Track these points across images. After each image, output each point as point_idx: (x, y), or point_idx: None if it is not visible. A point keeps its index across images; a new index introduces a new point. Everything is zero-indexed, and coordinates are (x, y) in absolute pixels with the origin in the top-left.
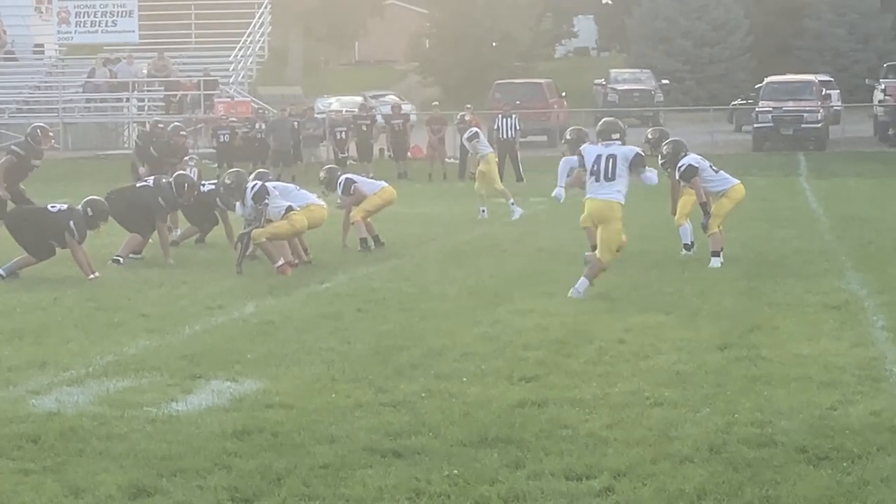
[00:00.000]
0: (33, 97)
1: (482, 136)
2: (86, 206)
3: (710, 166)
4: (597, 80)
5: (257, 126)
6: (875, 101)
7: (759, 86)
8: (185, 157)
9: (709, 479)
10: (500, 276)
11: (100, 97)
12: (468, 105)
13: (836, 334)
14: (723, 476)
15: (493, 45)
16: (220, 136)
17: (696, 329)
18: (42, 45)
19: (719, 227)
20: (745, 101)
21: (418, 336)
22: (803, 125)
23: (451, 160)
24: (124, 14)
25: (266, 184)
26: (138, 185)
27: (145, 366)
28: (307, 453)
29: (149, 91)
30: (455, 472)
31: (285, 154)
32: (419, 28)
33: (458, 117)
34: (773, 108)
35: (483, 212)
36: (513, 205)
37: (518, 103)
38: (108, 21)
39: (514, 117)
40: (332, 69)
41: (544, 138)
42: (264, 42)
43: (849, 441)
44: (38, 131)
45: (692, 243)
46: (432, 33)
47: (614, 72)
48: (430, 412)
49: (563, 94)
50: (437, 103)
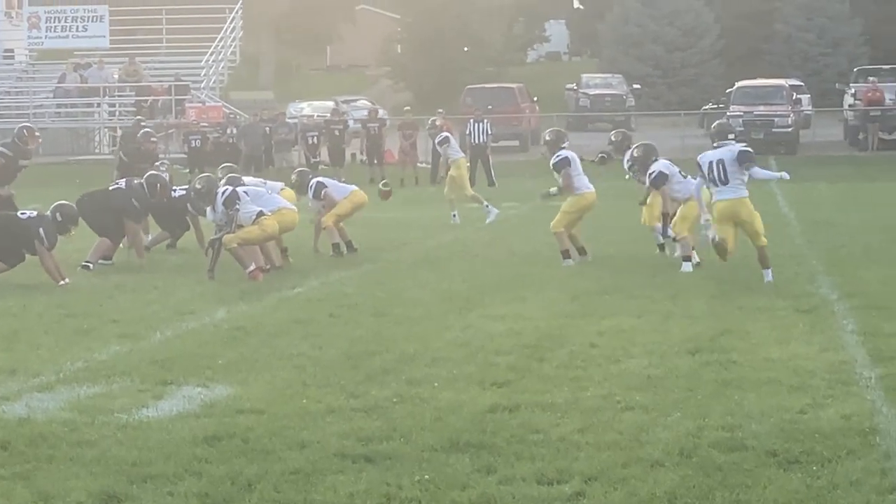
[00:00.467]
0: (3, 102)
1: (453, 140)
2: (55, 212)
3: (679, 172)
4: (568, 85)
5: (229, 131)
6: (845, 106)
7: (729, 90)
8: (157, 163)
9: (680, 484)
10: (472, 281)
11: (70, 102)
12: (440, 110)
13: (806, 338)
14: (693, 480)
15: (465, 49)
16: (192, 141)
17: (668, 333)
18: (12, 51)
19: (689, 231)
20: (715, 106)
21: (390, 341)
22: (774, 129)
23: (423, 165)
24: (95, 19)
25: (237, 189)
26: (111, 188)
27: (116, 372)
28: (278, 459)
29: (120, 96)
30: (426, 477)
31: (257, 159)
32: (391, 33)
33: (429, 122)
34: (744, 112)
35: (455, 217)
36: (487, 207)
37: (490, 108)
38: (78, 26)
39: (485, 122)
40: (303, 74)
41: (516, 143)
42: (236, 47)
43: (819, 445)
44: (25, 131)
45: (662, 245)
46: (404, 38)
47: (586, 76)
48: (402, 417)
49: (535, 98)
50: (408, 108)
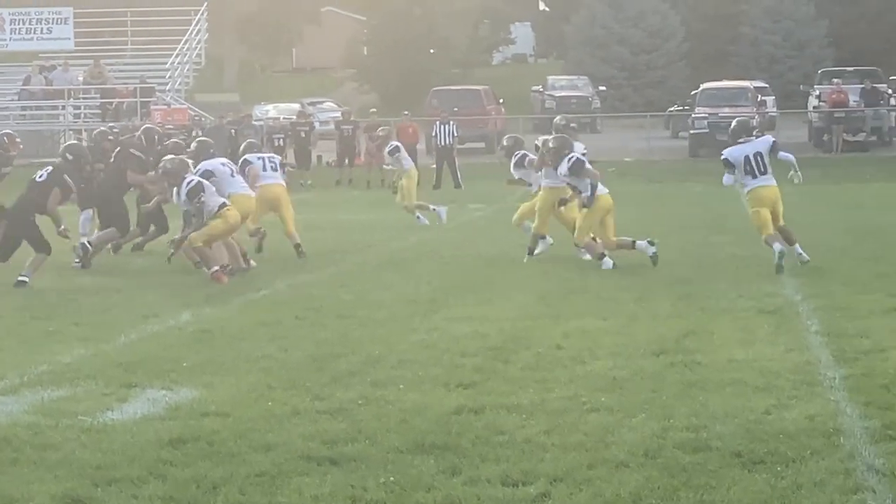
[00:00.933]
0: None
1: (403, 150)
2: (65, 153)
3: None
4: (534, 87)
5: (194, 133)
6: (810, 108)
7: (694, 92)
8: None
9: (644, 485)
10: (438, 283)
11: (35, 105)
12: (405, 112)
13: (770, 339)
14: (658, 481)
15: (431, 52)
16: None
17: (633, 335)
18: None
19: (592, 236)
20: (681, 108)
21: (356, 343)
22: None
23: (389, 167)
24: (59, 21)
25: (202, 181)
26: (36, 180)
27: (80, 374)
28: (243, 461)
29: (85, 98)
30: (391, 479)
31: None
32: (356, 35)
33: (378, 131)
34: (709, 114)
35: (419, 218)
36: (435, 209)
37: (456, 110)
38: (43, 28)
39: (451, 124)
40: (269, 76)
41: (482, 145)
42: (201, 49)
43: (783, 445)
44: (6, 138)
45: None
46: (370, 40)
47: (552, 78)
48: (367, 419)
49: (501, 100)
50: (374, 110)
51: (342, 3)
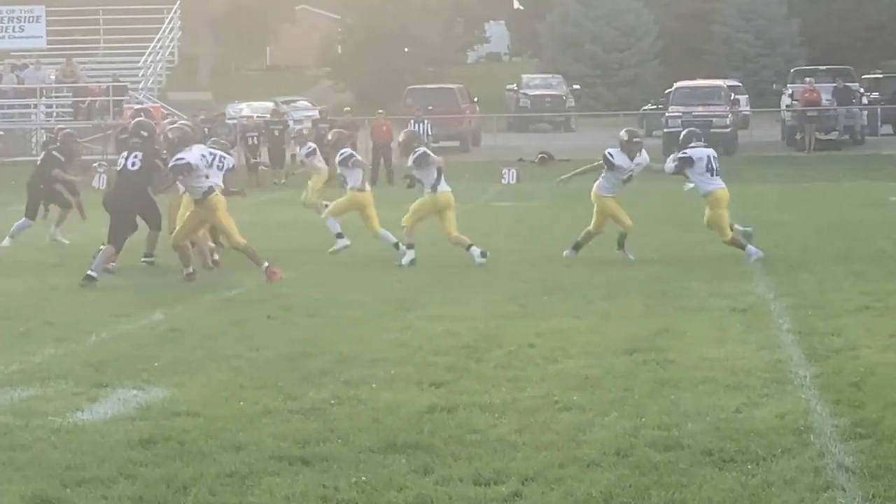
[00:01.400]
0: None
1: (319, 153)
2: (138, 131)
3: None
4: (509, 86)
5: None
6: (783, 106)
7: (668, 91)
8: (94, 164)
9: (616, 483)
10: (410, 282)
11: (7, 103)
12: (380, 110)
13: (742, 337)
14: (630, 479)
15: (405, 50)
16: None
17: (605, 333)
18: None
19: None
20: (654, 106)
21: (328, 342)
22: (712, 129)
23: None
24: (31, 19)
25: (191, 161)
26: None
27: (50, 374)
28: (214, 461)
29: (57, 97)
30: (363, 478)
31: None
32: (331, 33)
33: (295, 130)
34: (683, 112)
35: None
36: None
37: (430, 108)
38: (14, 27)
39: (426, 122)
40: (242, 75)
41: (457, 144)
42: (174, 47)
43: (754, 443)
44: None
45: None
46: (344, 38)
47: (526, 77)
48: (339, 419)
49: (476, 99)
50: (348, 109)
51: (316, 2)
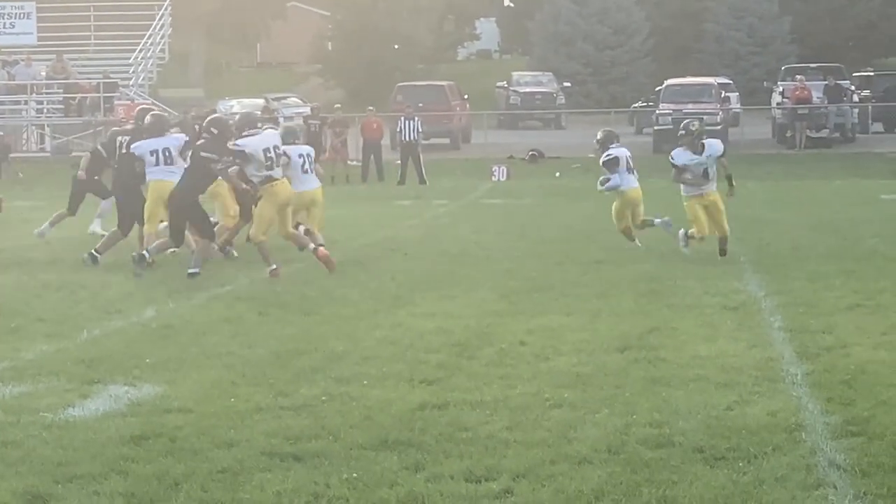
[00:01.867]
0: None
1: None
2: (209, 127)
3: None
4: (499, 83)
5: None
6: (773, 104)
7: (659, 88)
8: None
9: (607, 480)
10: (402, 280)
11: None
12: (370, 107)
13: (733, 335)
14: (621, 477)
15: (395, 47)
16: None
17: (596, 331)
18: None
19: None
20: (645, 104)
21: (319, 340)
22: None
23: (354, 163)
24: (22, 16)
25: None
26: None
27: (42, 371)
28: (205, 458)
29: (48, 93)
30: (354, 475)
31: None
32: (321, 30)
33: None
34: (674, 110)
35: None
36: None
37: (420, 106)
38: (5, 23)
39: (416, 120)
40: (233, 71)
41: (447, 141)
42: (165, 44)
43: (745, 441)
44: None
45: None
46: (334, 35)
47: (516, 74)
48: (331, 416)
49: (466, 96)
50: (339, 106)
51: None
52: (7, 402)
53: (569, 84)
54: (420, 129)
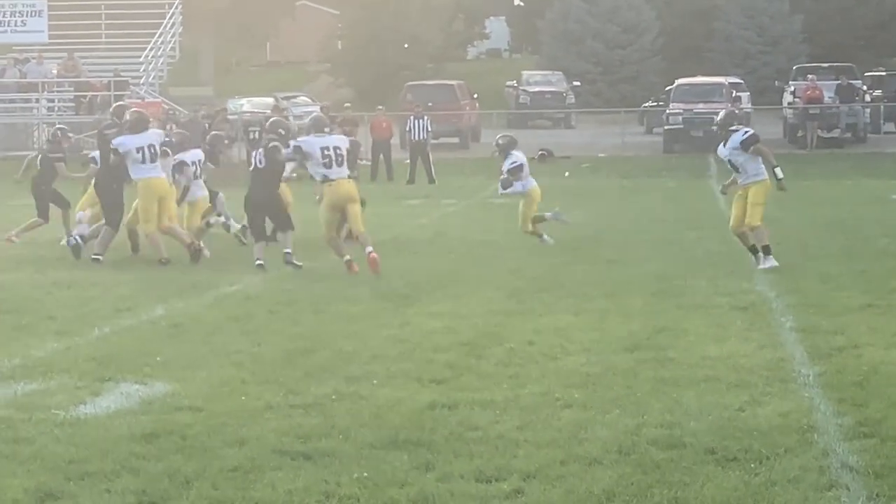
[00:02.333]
0: None
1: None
2: (276, 129)
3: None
4: (509, 82)
5: (168, 127)
6: (784, 103)
7: (669, 88)
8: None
9: (618, 481)
10: (410, 279)
11: (9, 98)
12: (380, 106)
13: (744, 335)
14: (632, 478)
15: (405, 46)
16: None
17: (605, 330)
18: None
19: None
20: (655, 103)
21: (329, 338)
22: (713, 127)
23: (364, 162)
24: (33, 14)
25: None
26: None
27: (53, 368)
28: (216, 456)
29: (59, 91)
30: (364, 474)
31: None
32: (331, 29)
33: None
34: (684, 109)
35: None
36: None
37: (430, 105)
38: (17, 21)
39: (425, 119)
40: (243, 70)
41: (456, 140)
42: (175, 42)
43: (756, 442)
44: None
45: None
46: (344, 34)
47: (526, 73)
48: (340, 414)
49: (475, 95)
50: (349, 105)
51: None
52: (19, 399)
53: (578, 83)
54: (429, 129)
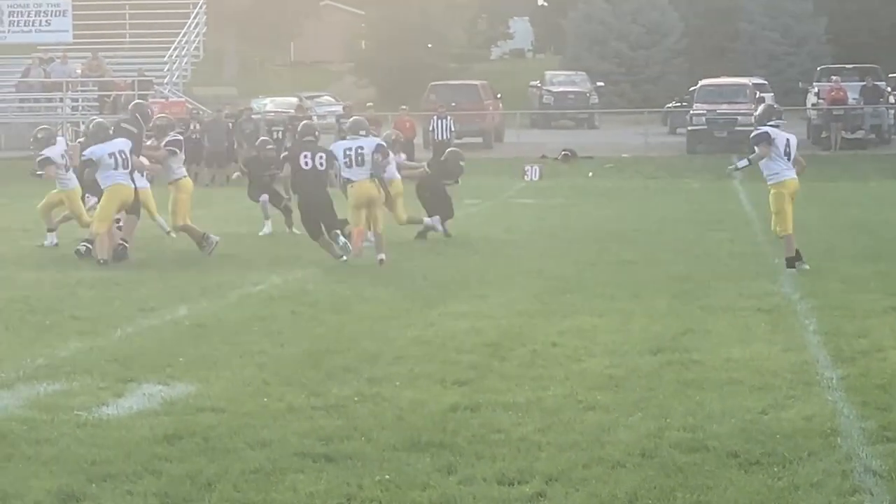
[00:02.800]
0: None
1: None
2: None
3: None
4: (532, 82)
5: (192, 127)
6: (808, 104)
7: (693, 88)
8: None
9: (641, 485)
10: (434, 279)
11: (33, 97)
12: (403, 106)
13: (768, 338)
14: (655, 481)
15: (429, 46)
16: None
17: (629, 332)
18: None
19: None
20: (679, 104)
21: (352, 339)
22: (737, 128)
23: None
24: (58, 13)
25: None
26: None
27: (76, 369)
28: (238, 458)
29: (83, 91)
30: (387, 476)
31: (220, 155)
32: (355, 29)
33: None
34: (707, 110)
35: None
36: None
37: (453, 105)
38: (41, 20)
39: (449, 119)
40: (267, 70)
41: (479, 140)
42: (199, 42)
43: (780, 446)
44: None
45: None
46: (368, 34)
47: (549, 73)
48: (363, 416)
49: (499, 95)
50: (371, 104)
51: None
52: (41, 400)
53: (602, 84)
54: (453, 128)
